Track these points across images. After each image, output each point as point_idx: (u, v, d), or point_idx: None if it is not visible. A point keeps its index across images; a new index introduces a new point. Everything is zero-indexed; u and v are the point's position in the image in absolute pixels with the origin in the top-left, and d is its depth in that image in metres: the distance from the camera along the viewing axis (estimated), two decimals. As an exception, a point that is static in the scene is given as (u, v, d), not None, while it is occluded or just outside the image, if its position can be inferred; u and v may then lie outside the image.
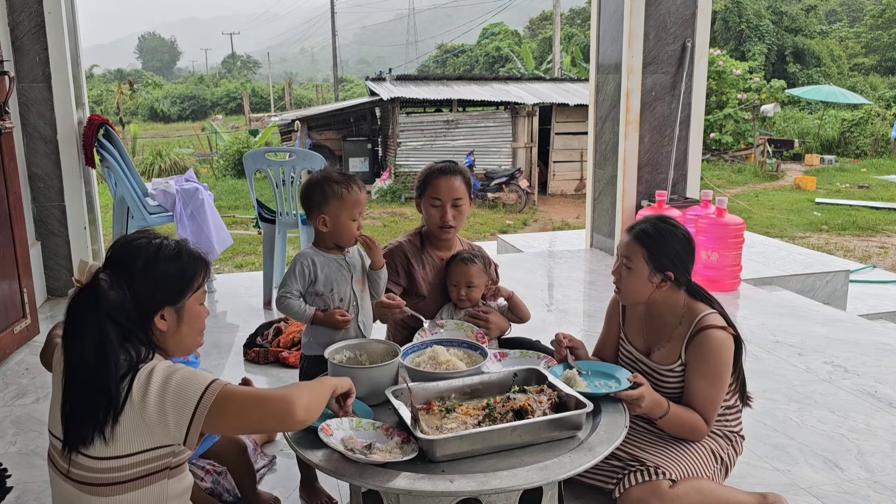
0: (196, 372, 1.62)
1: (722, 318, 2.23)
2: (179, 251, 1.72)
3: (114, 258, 1.68)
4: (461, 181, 2.75)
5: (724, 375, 2.20)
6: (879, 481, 2.60)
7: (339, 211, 2.36)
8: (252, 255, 9.28)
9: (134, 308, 1.63)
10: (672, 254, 2.22)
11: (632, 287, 2.26)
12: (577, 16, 43.50)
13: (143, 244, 1.69)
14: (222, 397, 1.57)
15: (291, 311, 2.39)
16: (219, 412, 1.57)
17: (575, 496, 2.22)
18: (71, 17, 4.92)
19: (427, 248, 2.84)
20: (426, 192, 2.77)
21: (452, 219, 2.74)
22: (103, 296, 1.60)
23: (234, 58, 76.40)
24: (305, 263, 2.39)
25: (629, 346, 2.40)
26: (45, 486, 2.60)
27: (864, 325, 4.37)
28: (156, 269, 1.67)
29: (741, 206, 12.75)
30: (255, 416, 1.61)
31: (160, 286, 1.67)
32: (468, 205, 2.80)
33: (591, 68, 6.04)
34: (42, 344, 1.91)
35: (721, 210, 4.95)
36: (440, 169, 2.77)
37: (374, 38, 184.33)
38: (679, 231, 2.25)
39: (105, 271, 1.65)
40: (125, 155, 5.04)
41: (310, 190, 2.40)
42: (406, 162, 15.32)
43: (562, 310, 4.71)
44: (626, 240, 2.27)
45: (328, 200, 2.36)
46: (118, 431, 1.55)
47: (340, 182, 2.38)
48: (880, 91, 27.08)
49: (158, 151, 18.69)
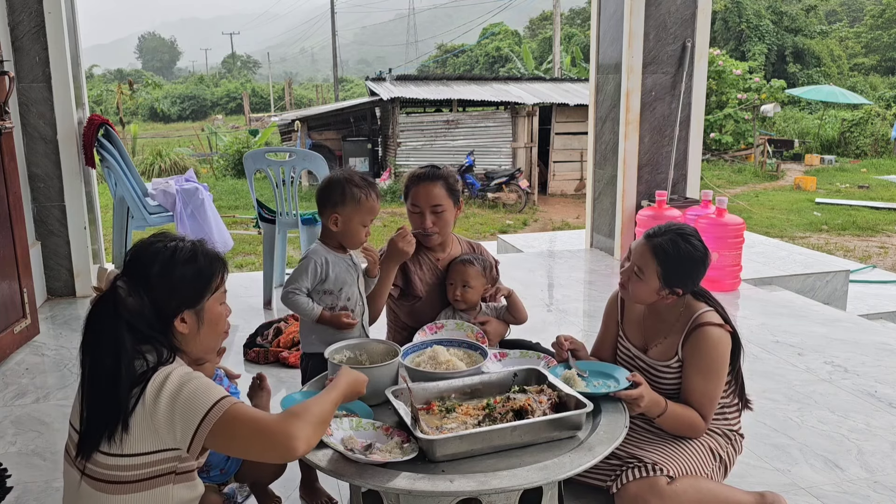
0: (211, 385, 1.61)
1: (719, 316, 2.23)
2: (195, 253, 1.72)
3: (131, 264, 1.69)
4: (441, 186, 2.70)
5: (721, 371, 2.20)
6: (879, 481, 2.60)
7: (353, 214, 2.37)
8: (252, 255, 9.28)
9: (153, 314, 1.65)
10: (685, 275, 2.21)
11: (638, 292, 2.26)
12: (577, 16, 43.49)
13: (159, 248, 1.70)
14: (229, 417, 1.56)
15: (298, 307, 2.38)
16: (222, 430, 1.56)
17: (575, 496, 2.22)
18: (71, 17, 4.92)
19: (423, 249, 2.84)
20: (408, 199, 2.77)
21: (432, 225, 2.71)
22: (122, 303, 1.62)
23: (234, 58, 76.40)
24: (319, 262, 2.39)
25: (627, 343, 2.41)
26: (45, 486, 2.61)
27: (864, 325, 4.37)
28: (172, 274, 1.68)
29: (741, 206, 12.75)
30: (258, 448, 1.58)
31: (178, 290, 1.68)
32: (452, 210, 2.75)
33: (591, 68, 6.04)
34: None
35: (721, 210, 4.95)
36: (419, 175, 2.74)
37: (374, 38, 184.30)
38: (698, 253, 2.21)
39: (123, 278, 1.66)
40: (125, 155, 5.04)
41: (330, 187, 2.40)
42: (406, 162, 15.31)
43: (562, 310, 4.71)
44: (642, 249, 2.24)
45: (346, 202, 2.36)
46: (130, 431, 1.57)
47: (361, 186, 2.38)
48: (880, 91, 27.08)
49: (158, 151, 18.69)
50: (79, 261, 4.88)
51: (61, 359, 3.86)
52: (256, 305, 4.77)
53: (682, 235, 2.23)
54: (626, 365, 2.39)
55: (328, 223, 2.41)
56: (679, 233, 2.23)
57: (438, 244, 2.81)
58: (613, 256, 5.86)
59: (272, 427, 1.58)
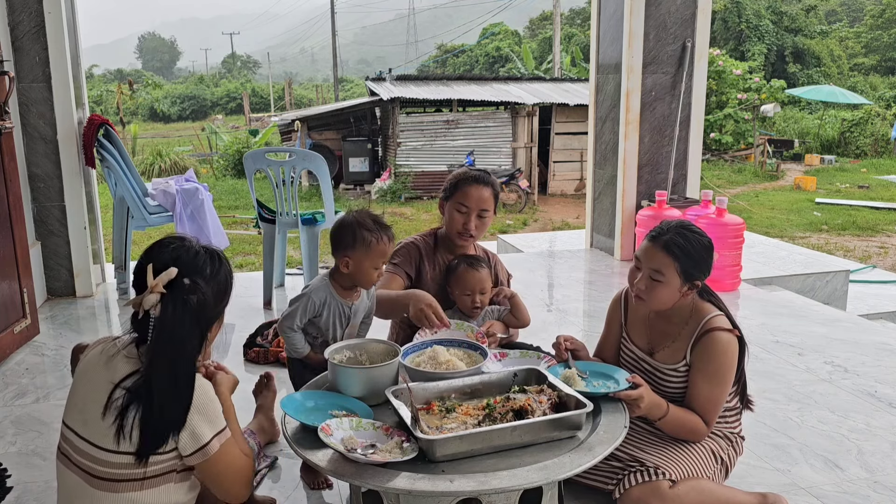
0: (219, 411, 1.72)
1: (728, 321, 2.23)
2: (224, 261, 1.82)
3: (189, 265, 1.70)
4: (491, 193, 2.77)
5: (728, 377, 2.20)
6: (879, 481, 2.60)
7: (364, 258, 2.37)
8: (252, 255, 9.28)
9: (212, 313, 1.74)
10: (702, 263, 2.20)
11: (662, 298, 2.22)
12: (577, 16, 43.49)
13: (198, 250, 1.75)
14: (220, 450, 1.69)
15: (290, 343, 2.47)
16: (210, 457, 1.68)
17: (575, 496, 2.22)
18: (71, 17, 4.92)
19: (439, 250, 2.85)
20: (454, 196, 2.77)
21: (475, 228, 2.75)
22: (194, 302, 1.67)
23: (234, 58, 76.41)
24: (315, 303, 2.43)
25: (632, 346, 2.40)
26: (45, 486, 2.61)
27: (864, 325, 4.37)
28: (219, 276, 1.77)
29: (741, 206, 12.75)
30: (224, 487, 1.76)
31: (225, 292, 1.79)
32: (492, 217, 2.81)
33: (591, 68, 6.04)
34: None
35: (721, 210, 4.95)
36: (474, 177, 2.77)
37: (374, 38, 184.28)
38: (705, 238, 2.23)
39: (183, 279, 1.68)
40: (125, 155, 5.04)
41: (341, 230, 2.42)
42: (406, 162, 15.32)
43: (562, 310, 4.71)
44: (653, 251, 2.21)
45: (356, 245, 2.37)
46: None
47: (372, 230, 2.38)
48: (880, 91, 27.08)
49: (158, 151, 18.69)
50: (79, 261, 4.88)
51: (61, 359, 3.86)
52: (256, 305, 4.77)
53: (685, 227, 2.24)
54: (630, 367, 2.38)
55: (340, 265, 2.42)
56: (681, 226, 2.24)
57: (461, 247, 2.82)
58: (613, 256, 5.86)
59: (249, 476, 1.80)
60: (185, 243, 1.74)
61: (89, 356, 1.77)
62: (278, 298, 4.91)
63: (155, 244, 1.75)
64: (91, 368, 1.72)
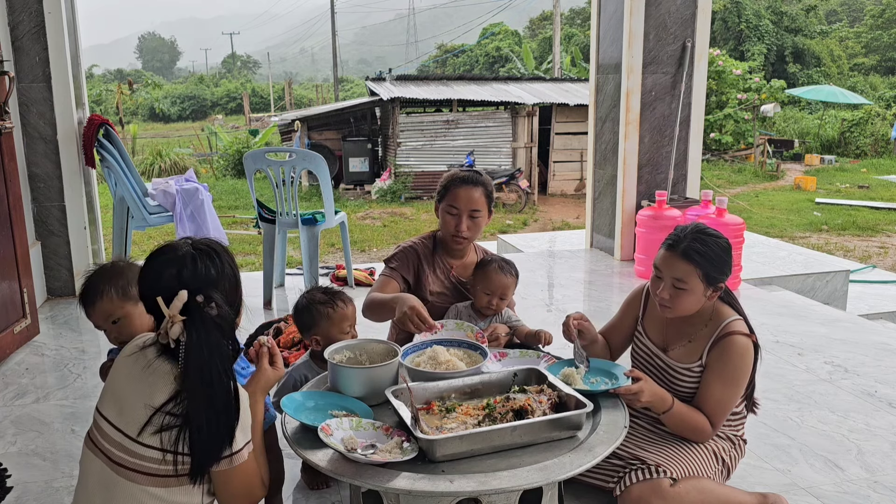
0: (249, 422, 1.72)
1: (746, 325, 2.22)
2: (222, 252, 1.78)
3: (194, 277, 1.65)
4: (482, 192, 2.74)
5: (742, 382, 2.20)
6: (879, 481, 2.60)
7: (329, 329, 2.47)
8: (252, 255, 9.28)
9: (232, 306, 1.72)
10: (724, 265, 2.19)
11: (687, 306, 2.20)
12: (577, 16, 43.47)
13: (215, 250, 1.73)
14: (241, 463, 1.68)
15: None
16: (230, 469, 1.68)
17: (575, 496, 2.22)
18: (71, 17, 4.92)
19: (439, 253, 2.84)
20: (445, 199, 2.75)
21: (467, 229, 2.72)
22: (214, 314, 1.63)
23: (234, 58, 76.38)
24: (296, 379, 2.48)
25: (646, 340, 2.39)
26: (45, 486, 2.61)
27: (864, 325, 4.37)
28: (224, 269, 1.73)
29: (741, 206, 12.75)
30: (233, 495, 1.73)
31: (235, 281, 1.76)
32: (486, 217, 2.78)
33: (591, 68, 6.04)
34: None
35: (721, 210, 4.95)
36: (462, 178, 2.75)
37: (374, 38, 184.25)
38: (723, 239, 2.21)
39: (195, 297, 1.63)
40: (125, 155, 5.04)
41: (300, 315, 2.51)
42: (406, 162, 15.31)
43: (562, 310, 4.70)
44: (673, 260, 2.18)
45: (318, 321, 2.47)
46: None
47: (324, 302, 2.48)
48: (880, 91, 27.06)
49: (158, 151, 18.69)
50: (79, 261, 4.88)
51: (61, 359, 3.86)
52: (256, 305, 4.77)
53: (701, 231, 2.21)
54: (642, 361, 2.38)
55: (312, 345, 2.51)
56: (696, 230, 2.21)
57: (458, 249, 2.81)
58: (613, 256, 5.86)
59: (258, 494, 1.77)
60: (178, 253, 1.67)
61: (127, 349, 1.75)
62: (278, 298, 4.91)
63: (149, 271, 1.67)
64: (130, 364, 1.70)
